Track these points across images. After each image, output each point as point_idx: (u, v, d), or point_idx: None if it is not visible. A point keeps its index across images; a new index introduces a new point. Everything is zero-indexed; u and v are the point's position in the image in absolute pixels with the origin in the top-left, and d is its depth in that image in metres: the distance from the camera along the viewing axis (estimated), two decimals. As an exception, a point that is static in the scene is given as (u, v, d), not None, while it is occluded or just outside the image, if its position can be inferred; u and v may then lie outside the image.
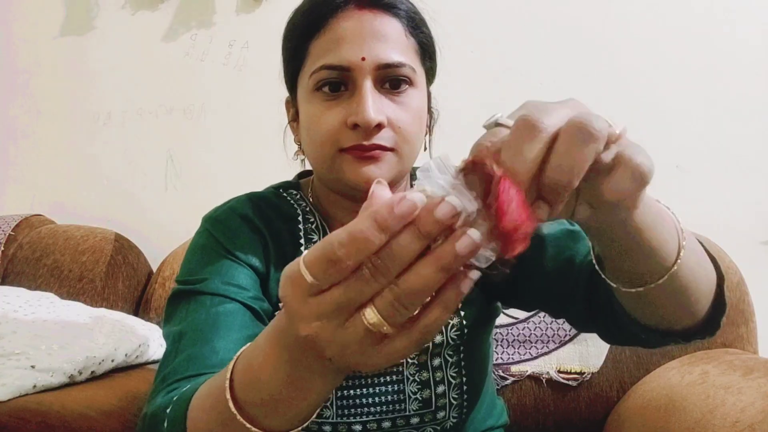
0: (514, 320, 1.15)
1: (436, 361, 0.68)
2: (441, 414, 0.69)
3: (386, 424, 0.68)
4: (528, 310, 0.93)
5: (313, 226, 0.72)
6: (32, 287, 1.22)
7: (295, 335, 0.35)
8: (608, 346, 1.12)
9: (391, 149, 0.64)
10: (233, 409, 0.40)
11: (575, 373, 1.11)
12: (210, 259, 0.66)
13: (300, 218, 0.72)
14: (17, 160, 1.67)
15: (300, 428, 0.41)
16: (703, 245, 0.52)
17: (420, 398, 0.68)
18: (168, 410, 0.50)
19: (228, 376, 0.41)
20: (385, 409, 0.67)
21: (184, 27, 1.59)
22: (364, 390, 0.67)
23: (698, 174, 1.42)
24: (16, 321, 0.95)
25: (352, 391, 0.66)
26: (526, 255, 0.42)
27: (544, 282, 0.65)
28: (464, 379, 0.69)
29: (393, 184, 0.68)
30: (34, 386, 0.82)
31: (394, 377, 0.67)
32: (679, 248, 0.45)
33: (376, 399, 0.67)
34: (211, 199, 1.65)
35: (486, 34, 1.48)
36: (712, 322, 0.53)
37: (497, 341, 1.14)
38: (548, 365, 1.12)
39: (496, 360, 1.13)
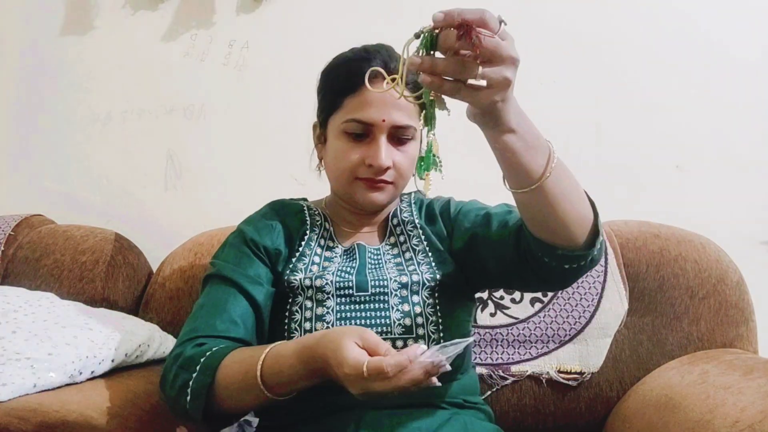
0: (515, 320, 1.15)
1: (416, 298, 0.87)
2: (422, 344, 0.81)
3: None
4: (488, 284, 1.07)
5: (316, 215, 0.99)
6: (32, 287, 1.22)
7: (333, 375, 0.67)
8: (608, 346, 1.12)
9: (392, 183, 0.90)
10: (259, 380, 0.70)
11: (575, 373, 1.11)
12: (232, 253, 0.92)
13: (305, 209, 1.00)
14: (17, 160, 1.67)
15: (283, 398, 0.72)
16: (586, 193, 0.72)
17: (402, 324, 0.85)
18: (203, 359, 0.75)
19: (260, 360, 0.71)
20: (375, 331, 0.81)
21: (184, 27, 1.59)
22: (358, 313, 0.86)
23: (698, 174, 1.42)
24: (16, 321, 0.95)
25: (348, 314, 0.85)
26: (478, 233, 0.89)
27: (490, 249, 0.86)
28: (440, 320, 0.86)
29: (387, 205, 0.95)
30: (34, 386, 0.82)
31: (382, 305, 0.86)
32: (543, 175, 0.65)
33: (368, 321, 0.85)
34: (212, 198, 1.66)
35: (486, 34, 1.48)
36: (589, 243, 0.72)
37: (497, 341, 1.14)
38: (548, 365, 1.12)
39: (496, 360, 1.13)
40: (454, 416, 0.82)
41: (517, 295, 1.17)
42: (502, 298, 1.17)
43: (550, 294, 1.16)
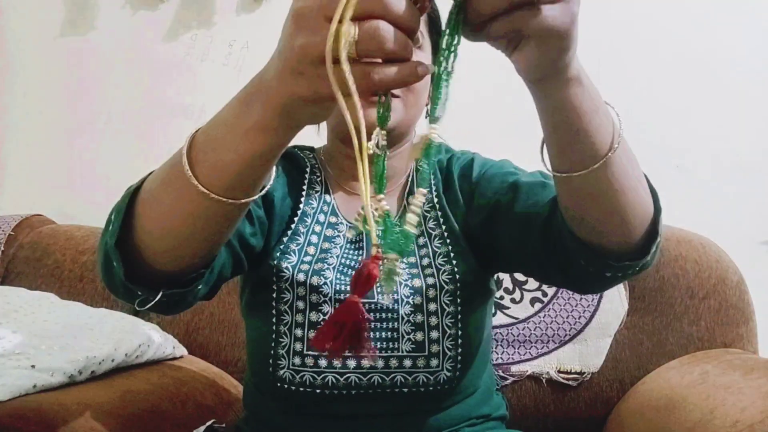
0: (515, 320, 1.15)
1: (432, 306, 0.72)
2: (434, 362, 0.71)
3: (380, 363, 0.70)
4: (505, 269, 0.93)
5: (317, 179, 0.82)
6: (32, 287, 1.22)
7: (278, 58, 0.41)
8: (608, 346, 1.12)
9: (397, 96, 0.72)
10: (185, 160, 0.47)
11: (575, 373, 1.11)
12: None
13: (308, 170, 0.82)
14: (17, 160, 1.67)
15: (229, 200, 0.47)
16: (646, 177, 0.57)
17: (413, 339, 0.71)
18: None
19: (191, 136, 0.49)
20: (378, 346, 0.70)
21: (184, 27, 1.59)
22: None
23: (698, 174, 1.42)
24: (16, 321, 0.95)
25: None
26: (501, 205, 0.70)
27: (513, 227, 0.69)
28: (460, 332, 0.72)
29: (398, 136, 0.77)
30: (34, 386, 0.82)
31: (390, 315, 0.71)
32: (611, 145, 0.50)
33: (371, 334, 0.70)
34: (211, 199, 1.64)
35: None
36: (644, 247, 0.56)
37: (497, 341, 1.14)
38: (548, 365, 1.12)
39: (496, 360, 1.13)
40: None
41: (517, 294, 1.17)
42: (502, 298, 1.17)
43: (550, 294, 1.16)
